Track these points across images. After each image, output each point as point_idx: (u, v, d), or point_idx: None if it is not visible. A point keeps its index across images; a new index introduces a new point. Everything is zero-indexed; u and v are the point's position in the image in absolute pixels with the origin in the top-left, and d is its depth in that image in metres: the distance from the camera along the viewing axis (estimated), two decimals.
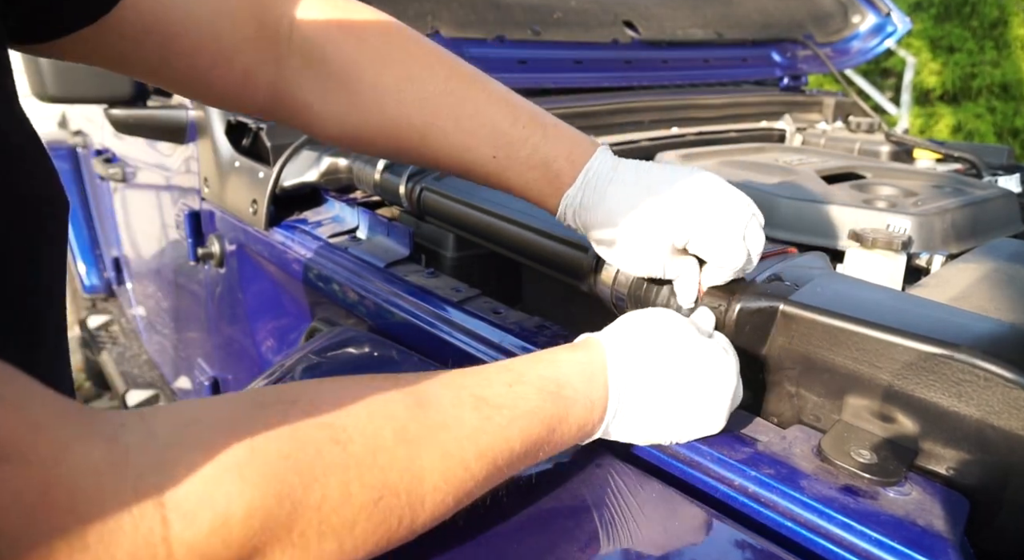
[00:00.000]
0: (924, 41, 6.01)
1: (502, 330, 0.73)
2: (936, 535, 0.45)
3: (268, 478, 0.34)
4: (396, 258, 0.92)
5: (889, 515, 0.46)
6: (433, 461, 0.41)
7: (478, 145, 0.63)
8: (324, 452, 0.37)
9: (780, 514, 0.49)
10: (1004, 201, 0.99)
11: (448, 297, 0.81)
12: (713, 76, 1.63)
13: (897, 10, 1.86)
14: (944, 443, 0.51)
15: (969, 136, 5.64)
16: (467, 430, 0.44)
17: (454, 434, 0.43)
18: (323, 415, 0.38)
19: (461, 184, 0.93)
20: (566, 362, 0.52)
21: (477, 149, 0.63)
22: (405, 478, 0.40)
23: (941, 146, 1.39)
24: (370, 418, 0.40)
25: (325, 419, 0.38)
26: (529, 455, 0.48)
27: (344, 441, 0.38)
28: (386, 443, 0.40)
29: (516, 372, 0.50)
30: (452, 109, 0.63)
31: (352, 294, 0.91)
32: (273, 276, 1.14)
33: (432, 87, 0.62)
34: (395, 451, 0.40)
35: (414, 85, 0.62)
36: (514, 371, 0.50)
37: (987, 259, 0.76)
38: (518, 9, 1.39)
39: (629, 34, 1.52)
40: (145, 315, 2.10)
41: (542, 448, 0.48)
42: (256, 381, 0.79)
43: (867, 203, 0.95)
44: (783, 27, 1.78)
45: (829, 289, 0.60)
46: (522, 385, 0.48)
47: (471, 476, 0.43)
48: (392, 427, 0.40)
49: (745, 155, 1.22)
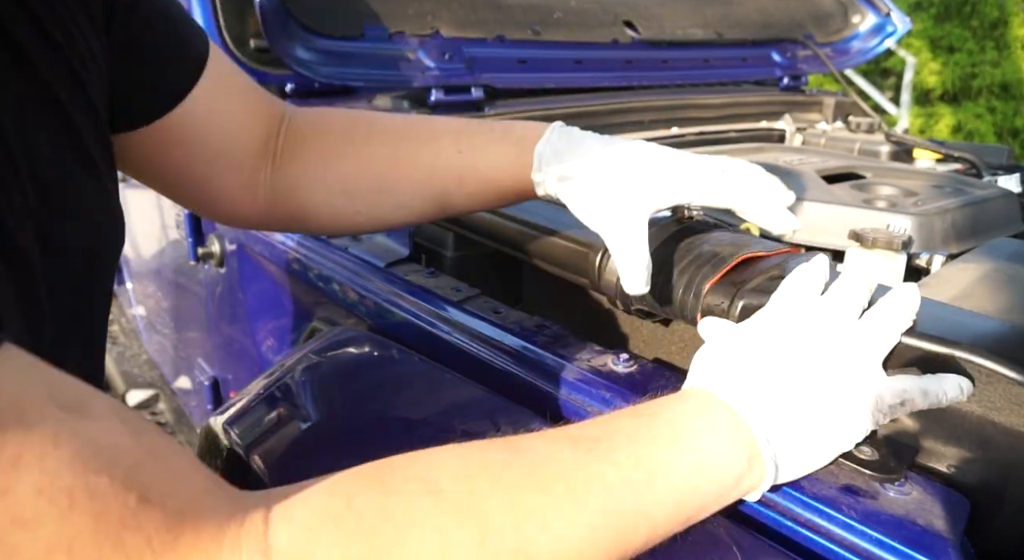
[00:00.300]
0: (924, 41, 6.01)
1: (502, 330, 0.73)
2: (936, 535, 0.45)
3: (364, 530, 0.35)
4: (396, 258, 0.92)
5: (889, 515, 0.46)
6: (536, 499, 0.39)
7: (442, 149, 0.66)
8: (417, 503, 0.37)
9: (780, 513, 0.49)
10: (1004, 201, 0.99)
11: (448, 297, 0.81)
12: (713, 76, 1.63)
13: (897, 10, 1.86)
14: (945, 440, 0.51)
15: (969, 136, 5.64)
16: (567, 465, 0.41)
17: (553, 470, 0.40)
18: (417, 469, 0.39)
19: None
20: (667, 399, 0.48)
21: (441, 153, 0.66)
22: (509, 519, 0.38)
23: (941, 146, 1.39)
24: (464, 467, 0.39)
25: (419, 472, 0.39)
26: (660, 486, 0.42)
27: (436, 491, 0.38)
28: (482, 488, 0.39)
29: (609, 419, 0.46)
30: (414, 143, 0.68)
31: (352, 294, 0.91)
32: (273, 276, 1.14)
33: (393, 134, 0.69)
34: (493, 494, 0.38)
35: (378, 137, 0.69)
36: (607, 421, 0.46)
37: (987, 259, 0.76)
38: (518, 9, 1.39)
39: (629, 34, 1.52)
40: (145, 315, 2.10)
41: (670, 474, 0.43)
42: (256, 381, 0.79)
43: (867, 203, 0.95)
44: (783, 27, 1.77)
45: None
46: (617, 419, 0.46)
47: (585, 512, 0.40)
48: (488, 473, 0.39)
49: (745, 155, 1.22)
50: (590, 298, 0.81)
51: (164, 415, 2.10)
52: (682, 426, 0.45)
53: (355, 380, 0.76)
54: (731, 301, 0.60)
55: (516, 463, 0.40)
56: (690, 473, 0.43)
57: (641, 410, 0.46)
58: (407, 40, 1.22)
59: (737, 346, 0.50)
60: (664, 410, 0.46)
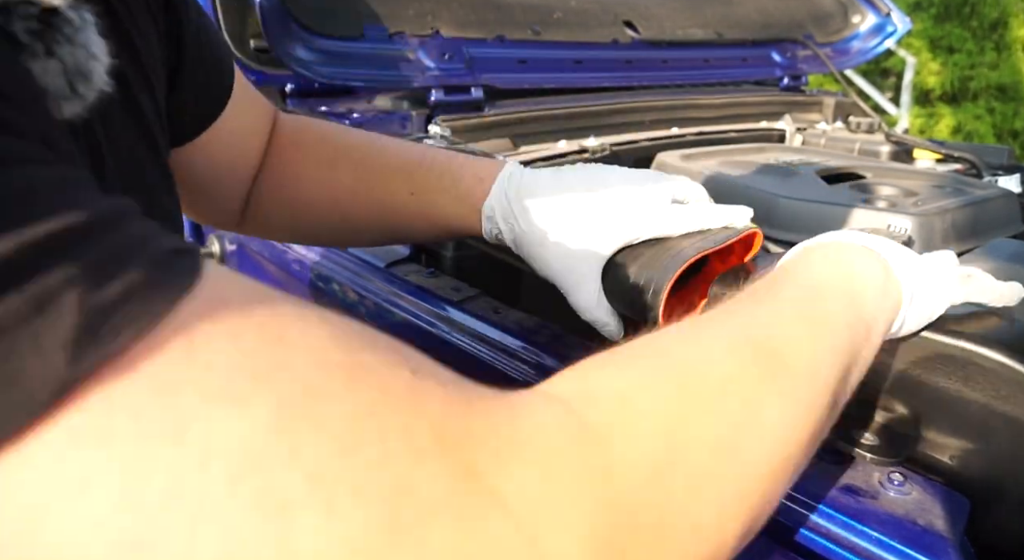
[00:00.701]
0: (924, 41, 6.01)
1: (502, 330, 0.73)
2: (936, 534, 0.45)
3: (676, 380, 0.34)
4: (396, 258, 0.92)
5: (889, 514, 0.46)
6: (795, 331, 0.40)
7: (393, 193, 0.67)
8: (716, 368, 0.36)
9: (779, 513, 0.49)
10: (1004, 201, 0.99)
11: (448, 297, 0.81)
12: (713, 76, 1.63)
13: (897, 10, 1.86)
14: (946, 430, 0.51)
15: (969, 137, 5.64)
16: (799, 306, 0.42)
17: (791, 311, 0.42)
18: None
19: None
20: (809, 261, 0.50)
21: (395, 193, 0.67)
22: (791, 349, 0.38)
23: (941, 146, 1.39)
24: (727, 342, 0.38)
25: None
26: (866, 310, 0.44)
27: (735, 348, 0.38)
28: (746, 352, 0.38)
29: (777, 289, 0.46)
30: (370, 171, 0.69)
31: (352, 294, 0.91)
32: (273, 276, 1.14)
33: (350, 160, 0.69)
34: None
35: (333, 164, 0.70)
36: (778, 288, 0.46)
37: (988, 260, 0.76)
38: (518, 9, 1.39)
39: (629, 34, 1.52)
40: None
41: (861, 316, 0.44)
42: None
43: (867, 203, 0.95)
44: (783, 27, 1.77)
45: None
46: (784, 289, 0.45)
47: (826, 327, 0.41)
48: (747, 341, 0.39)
49: (745, 155, 1.22)
50: None
51: None
52: (845, 268, 0.47)
53: None
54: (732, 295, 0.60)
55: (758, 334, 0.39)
56: (876, 297, 0.46)
57: (788, 277, 0.47)
58: (407, 40, 1.22)
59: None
60: (816, 264, 0.48)
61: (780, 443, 0.35)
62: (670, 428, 0.32)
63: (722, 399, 0.34)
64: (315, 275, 0.98)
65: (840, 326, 0.42)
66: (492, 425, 0.27)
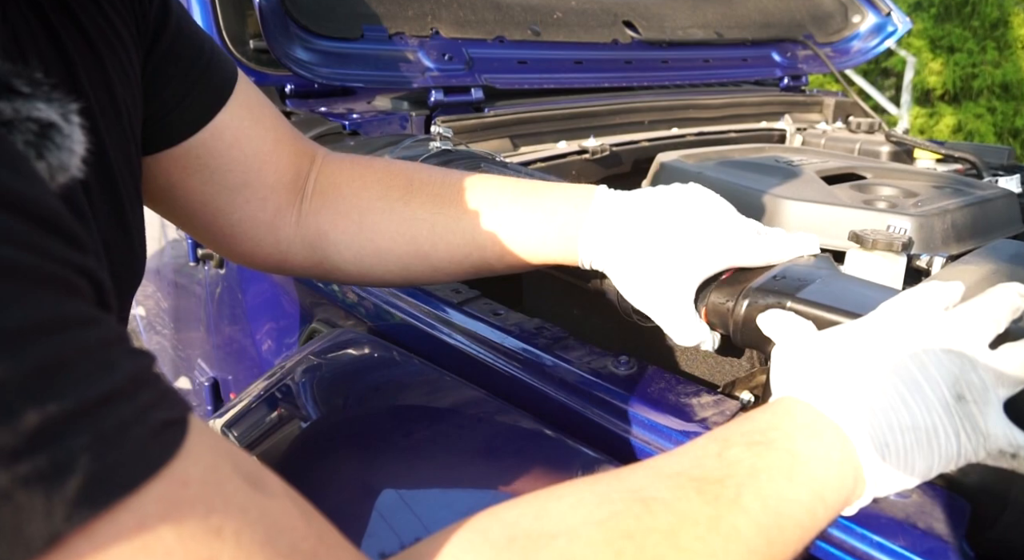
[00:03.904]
0: (924, 41, 6.01)
1: (502, 332, 0.73)
2: (937, 539, 0.45)
3: None
4: None
5: (889, 518, 0.46)
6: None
7: (481, 225, 0.65)
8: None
9: None
10: (1005, 201, 0.99)
11: (448, 298, 0.81)
12: (713, 76, 1.63)
13: (897, 10, 1.86)
14: None
15: (969, 136, 5.64)
16: (702, 522, 0.39)
17: (690, 532, 0.39)
18: (558, 544, 0.37)
19: None
20: (762, 415, 0.47)
21: (481, 231, 0.65)
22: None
23: (941, 146, 1.38)
24: (605, 536, 0.38)
25: (561, 547, 0.37)
26: (788, 526, 0.41)
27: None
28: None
29: (721, 438, 0.45)
30: (454, 212, 0.66)
31: (352, 295, 0.91)
32: (273, 277, 1.14)
33: (432, 201, 0.66)
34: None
35: (417, 203, 0.67)
36: (719, 438, 0.45)
37: (988, 260, 0.76)
38: (518, 9, 1.39)
39: (629, 34, 1.52)
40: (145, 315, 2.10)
41: (794, 510, 0.42)
42: (256, 383, 0.79)
43: (867, 204, 0.95)
44: (783, 27, 1.77)
45: (836, 287, 0.60)
46: (731, 448, 0.44)
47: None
48: (632, 543, 0.38)
49: (745, 155, 1.22)
50: (590, 300, 0.81)
51: None
52: (796, 453, 0.43)
53: (354, 382, 0.76)
54: (736, 300, 0.60)
55: (654, 527, 0.39)
56: (810, 504, 0.42)
57: (751, 434, 0.44)
58: (406, 41, 1.22)
59: (838, 352, 0.47)
60: (776, 434, 0.44)
61: None
62: None
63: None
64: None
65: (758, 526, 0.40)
66: None
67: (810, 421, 0.45)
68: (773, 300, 0.59)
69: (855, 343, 0.47)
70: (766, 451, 0.43)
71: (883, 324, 0.48)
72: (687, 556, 0.38)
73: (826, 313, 0.56)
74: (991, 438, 0.44)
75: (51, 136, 0.36)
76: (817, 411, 0.45)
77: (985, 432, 0.44)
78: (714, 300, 0.61)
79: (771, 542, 0.41)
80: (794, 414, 0.46)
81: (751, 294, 0.59)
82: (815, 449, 0.44)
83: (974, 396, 0.44)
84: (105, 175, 0.51)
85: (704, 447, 0.44)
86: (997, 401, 0.45)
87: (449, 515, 0.39)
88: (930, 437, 0.44)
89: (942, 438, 0.44)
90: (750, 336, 0.59)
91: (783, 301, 0.58)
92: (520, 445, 0.63)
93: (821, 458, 0.43)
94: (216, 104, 0.63)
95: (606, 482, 0.41)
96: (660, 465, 0.43)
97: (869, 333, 0.48)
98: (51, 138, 0.36)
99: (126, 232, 0.54)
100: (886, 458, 0.44)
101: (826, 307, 0.56)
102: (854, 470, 0.44)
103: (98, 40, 0.51)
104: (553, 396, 0.65)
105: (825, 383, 0.46)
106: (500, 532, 0.37)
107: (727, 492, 0.41)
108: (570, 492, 0.40)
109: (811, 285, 0.60)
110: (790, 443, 0.44)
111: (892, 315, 0.49)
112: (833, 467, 0.43)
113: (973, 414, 0.44)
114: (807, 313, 0.57)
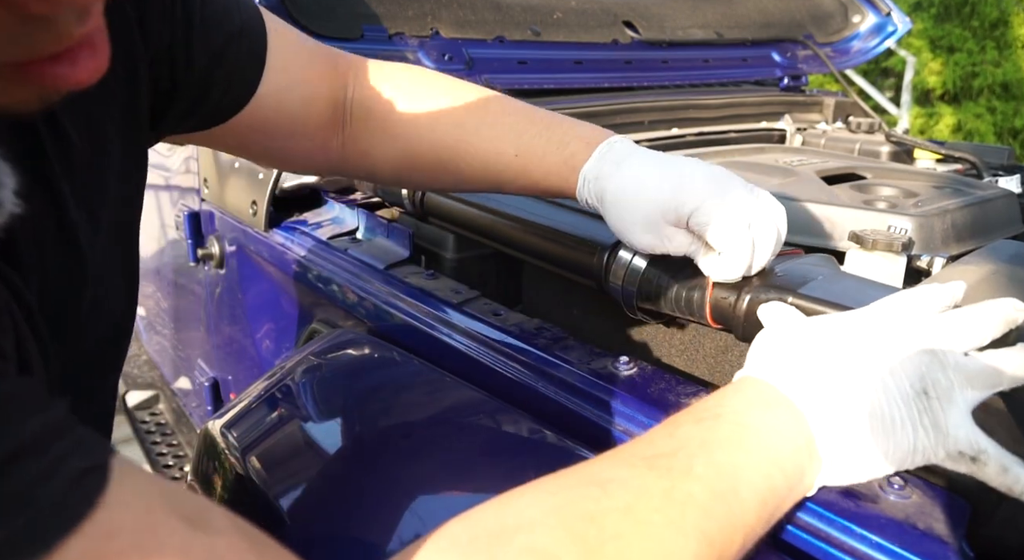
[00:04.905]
0: (924, 41, 6.01)
1: (502, 332, 0.73)
2: (936, 539, 0.45)
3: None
4: (396, 259, 0.92)
5: (889, 518, 0.46)
6: (642, 544, 0.38)
7: (502, 149, 0.69)
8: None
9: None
10: (1005, 202, 0.99)
11: (448, 299, 0.81)
12: (713, 76, 1.63)
13: (897, 10, 1.86)
14: None
15: (969, 136, 5.64)
16: (656, 495, 0.40)
17: (646, 504, 0.40)
18: (523, 538, 0.37)
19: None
20: (715, 395, 0.48)
21: (501, 153, 0.70)
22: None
23: (941, 146, 1.38)
24: (564, 523, 0.38)
25: (525, 541, 0.37)
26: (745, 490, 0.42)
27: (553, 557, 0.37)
28: (592, 545, 0.38)
29: (672, 420, 0.46)
30: (476, 124, 0.71)
31: (352, 295, 0.91)
32: (273, 277, 1.14)
33: (455, 111, 0.71)
34: (604, 547, 0.38)
35: (442, 114, 0.71)
36: (671, 421, 0.46)
37: (988, 261, 0.76)
38: (518, 9, 1.39)
39: (629, 34, 1.52)
40: (145, 315, 2.10)
41: (750, 475, 0.43)
42: (255, 384, 0.79)
43: (867, 204, 0.95)
44: (783, 27, 1.77)
45: (837, 285, 0.60)
46: (681, 426, 0.45)
47: (689, 538, 0.39)
48: (593, 525, 0.38)
49: (745, 156, 1.22)
50: (590, 300, 0.81)
51: (164, 416, 2.10)
52: (746, 424, 0.44)
53: (354, 383, 0.76)
54: (738, 296, 0.60)
55: (611, 506, 0.39)
56: (766, 470, 0.43)
57: (700, 412, 0.46)
58: (407, 41, 1.22)
59: (809, 337, 0.48)
60: (725, 409, 0.46)
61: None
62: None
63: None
64: (314, 276, 0.98)
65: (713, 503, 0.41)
66: None
67: (762, 396, 0.46)
68: (775, 295, 0.59)
69: (833, 331, 0.48)
70: (715, 424, 0.45)
71: (868, 319, 0.49)
72: (646, 528, 0.39)
73: (826, 308, 0.56)
74: (951, 438, 0.44)
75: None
76: (771, 386, 0.46)
77: (945, 431, 0.44)
78: (718, 296, 0.62)
79: (729, 507, 0.41)
80: (745, 390, 0.47)
81: (754, 290, 0.60)
82: (766, 420, 0.45)
83: (938, 393, 0.45)
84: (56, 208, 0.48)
85: (657, 430, 0.46)
86: (964, 403, 0.45)
87: (449, 516, 0.39)
88: (885, 425, 0.44)
89: (899, 428, 0.44)
90: (752, 331, 0.59)
91: (785, 296, 0.59)
92: (520, 445, 0.63)
93: (772, 428, 0.44)
94: (255, 79, 0.64)
95: (564, 474, 0.42)
96: (615, 451, 0.44)
97: (851, 325, 0.49)
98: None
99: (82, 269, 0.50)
100: (841, 438, 0.45)
101: (826, 303, 0.56)
102: (807, 443, 0.45)
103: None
104: (553, 396, 0.65)
105: (785, 363, 0.47)
106: (464, 533, 0.38)
107: (678, 463, 0.42)
108: (531, 488, 0.41)
109: (813, 282, 0.60)
110: (739, 416, 0.45)
111: (880, 311, 0.50)
112: (786, 438, 0.44)
113: (934, 410, 0.44)
114: (808, 308, 0.57)
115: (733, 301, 0.61)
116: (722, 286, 0.62)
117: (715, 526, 0.40)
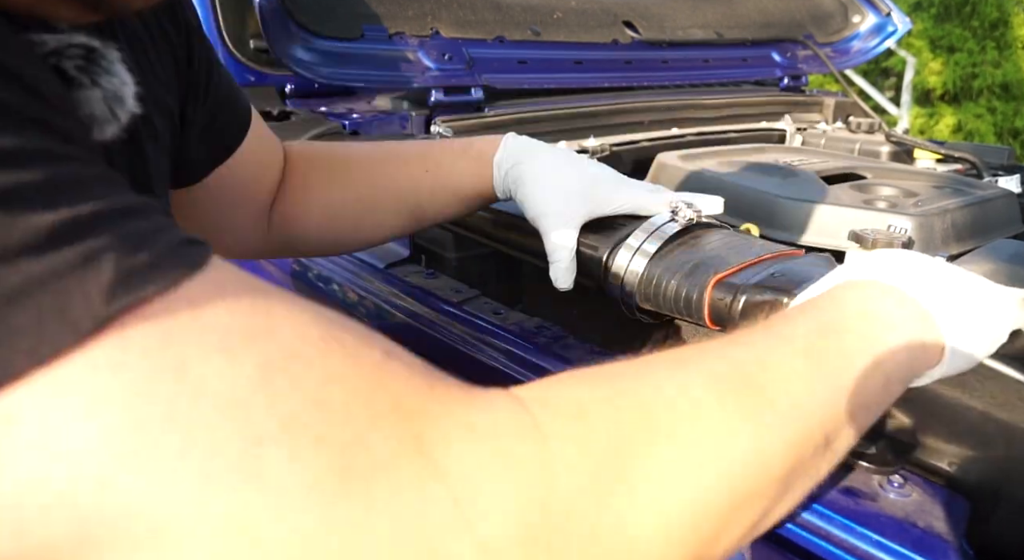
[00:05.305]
0: (924, 41, 6.01)
1: (502, 331, 0.73)
2: (936, 537, 0.45)
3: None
4: (396, 259, 0.92)
5: (889, 517, 0.46)
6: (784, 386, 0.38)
7: (412, 172, 0.73)
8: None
9: None
10: (1005, 201, 0.99)
11: (448, 298, 0.81)
12: (713, 76, 1.63)
13: (897, 10, 1.86)
14: (944, 437, 0.51)
15: (969, 136, 5.64)
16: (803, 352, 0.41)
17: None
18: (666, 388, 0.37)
19: None
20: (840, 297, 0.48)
21: (411, 176, 0.73)
22: (783, 398, 0.38)
23: (941, 146, 1.38)
24: (709, 376, 0.38)
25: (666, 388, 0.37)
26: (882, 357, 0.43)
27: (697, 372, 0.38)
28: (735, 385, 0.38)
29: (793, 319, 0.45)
30: (383, 157, 0.75)
31: (352, 294, 0.91)
32: (273, 277, 1.14)
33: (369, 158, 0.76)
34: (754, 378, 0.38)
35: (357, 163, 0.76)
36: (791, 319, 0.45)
37: (988, 260, 0.76)
38: (518, 9, 1.39)
39: (629, 34, 1.52)
40: None
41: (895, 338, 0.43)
42: None
43: (867, 204, 0.95)
44: (783, 27, 1.77)
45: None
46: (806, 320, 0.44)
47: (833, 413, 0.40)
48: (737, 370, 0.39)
49: (745, 155, 1.22)
50: (590, 299, 0.81)
51: None
52: (874, 316, 0.45)
53: None
54: (734, 296, 0.60)
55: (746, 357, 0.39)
56: (902, 349, 0.44)
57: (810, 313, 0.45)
58: (407, 41, 1.22)
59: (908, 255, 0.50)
60: (842, 303, 0.46)
61: (747, 477, 0.35)
62: (619, 444, 0.33)
63: (684, 425, 0.35)
64: (315, 276, 0.98)
65: (848, 370, 0.41)
66: (447, 407, 0.31)
67: (879, 290, 0.46)
68: (771, 296, 0.59)
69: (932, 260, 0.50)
70: (842, 316, 0.44)
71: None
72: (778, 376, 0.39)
73: None
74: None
75: (97, 61, 0.38)
76: (894, 287, 0.46)
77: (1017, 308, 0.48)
78: (716, 297, 0.61)
79: (877, 359, 0.42)
80: (860, 285, 0.48)
81: (748, 290, 0.60)
82: (893, 312, 0.45)
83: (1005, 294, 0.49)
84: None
85: (804, 322, 0.44)
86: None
87: None
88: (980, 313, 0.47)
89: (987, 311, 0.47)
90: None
91: (780, 298, 0.58)
92: None
93: (903, 318, 0.45)
94: (242, 134, 0.66)
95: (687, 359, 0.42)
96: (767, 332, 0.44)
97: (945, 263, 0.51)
98: (97, 62, 0.38)
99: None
100: (955, 327, 0.46)
101: None
102: (935, 336, 0.45)
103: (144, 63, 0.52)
104: None
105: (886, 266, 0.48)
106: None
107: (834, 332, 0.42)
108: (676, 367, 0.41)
109: (812, 282, 0.60)
110: (863, 306, 0.45)
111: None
112: (912, 327, 0.45)
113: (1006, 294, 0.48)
114: None
115: (728, 301, 0.61)
116: (721, 287, 0.62)
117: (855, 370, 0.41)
